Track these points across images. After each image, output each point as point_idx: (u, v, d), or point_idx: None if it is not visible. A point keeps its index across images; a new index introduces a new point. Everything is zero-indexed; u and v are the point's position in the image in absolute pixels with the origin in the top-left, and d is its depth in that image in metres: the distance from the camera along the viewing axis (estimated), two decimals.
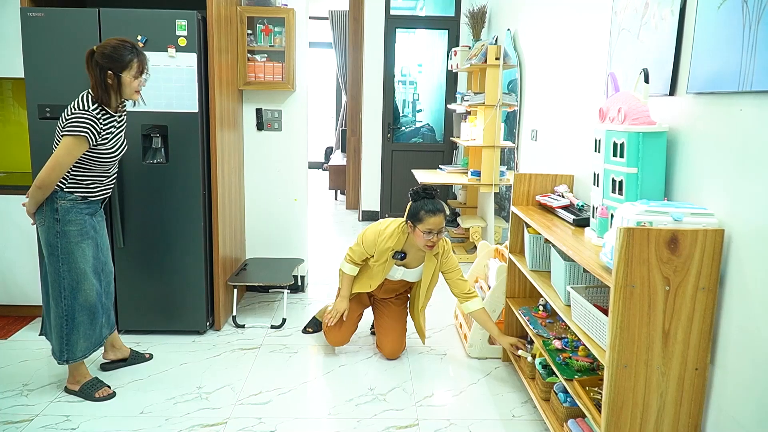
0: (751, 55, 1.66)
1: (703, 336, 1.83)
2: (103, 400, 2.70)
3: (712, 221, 1.81)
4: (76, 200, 2.56)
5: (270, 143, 4.06)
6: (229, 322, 3.63)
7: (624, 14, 2.50)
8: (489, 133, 4.70)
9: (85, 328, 2.67)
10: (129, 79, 2.50)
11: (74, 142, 2.44)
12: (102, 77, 2.47)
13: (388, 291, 3.25)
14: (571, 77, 3.20)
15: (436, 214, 2.84)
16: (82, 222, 2.60)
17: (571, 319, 2.18)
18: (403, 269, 3.10)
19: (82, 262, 2.61)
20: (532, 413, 2.69)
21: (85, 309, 2.65)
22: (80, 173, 2.57)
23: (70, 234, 2.57)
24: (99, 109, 2.51)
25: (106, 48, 2.47)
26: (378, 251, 3.02)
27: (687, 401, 1.87)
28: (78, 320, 2.64)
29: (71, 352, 2.66)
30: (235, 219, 3.81)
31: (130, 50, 2.49)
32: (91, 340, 2.71)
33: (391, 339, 3.19)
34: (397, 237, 3.00)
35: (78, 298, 2.63)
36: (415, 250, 3.03)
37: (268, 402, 2.75)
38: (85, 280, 2.63)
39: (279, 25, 3.84)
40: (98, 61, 2.46)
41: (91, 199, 2.62)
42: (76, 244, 2.58)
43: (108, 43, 2.49)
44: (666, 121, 2.13)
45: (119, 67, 2.47)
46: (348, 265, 3.15)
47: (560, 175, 2.94)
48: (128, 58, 2.48)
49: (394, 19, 6.36)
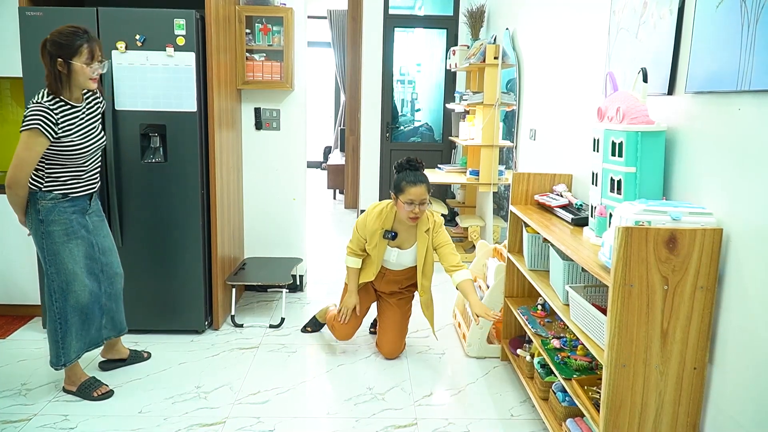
0: (750, 54, 1.66)
1: (702, 335, 1.83)
2: (101, 399, 2.70)
3: (710, 220, 1.81)
4: (56, 199, 2.49)
5: (268, 142, 4.06)
6: (227, 322, 3.62)
7: (622, 13, 2.50)
8: (488, 132, 4.70)
9: (77, 329, 2.64)
10: (80, 66, 2.39)
11: (29, 135, 2.36)
12: (53, 65, 2.37)
13: (390, 283, 3.20)
14: (569, 76, 3.20)
15: (417, 185, 2.82)
16: (67, 221, 2.53)
17: (570, 318, 2.18)
18: (397, 251, 3.06)
19: (70, 262, 2.55)
20: (530, 412, 2.69)
21: (77, 310, 2.61)
22: (54, 170, 2.49)
23: (54, 234, 2.51)
24: (54, 100, 2.42)
25: (58, 36, 2.37)
26: (369, 232, 3.01)
27: (685, 401, 1.87)
28: (70, 322, 2.61)
29: (66, 355, 2.64)
30: (233, 218, 3.81)
31: (80, 36, 2.38)
32: (84, 340, 2.68)
33: (390, 339, 3.19)
34: (386, 215, 2.99)
35: (69, 300, 2.58)
36: (405, 229, 3.01)
37: (267, 401, 2.75)
38: (74, 280, 2.57)
39: (277, 24, 3.84)
40: (48, 49, 2.37)
41: (73, 195, 2.54)
42: (62, 244, 2.52)
43: (59, 30, 2.39)
44: (664, 120, 2.13)
45: (68, 53, 2.36)
46: (350, 258, 3.14)
47: (559, 175, 2.94)
48: (77, 44, 2.37)
49: (393, 19, 6.36)
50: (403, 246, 3.06)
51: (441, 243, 3.02)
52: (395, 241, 3.04)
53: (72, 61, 2.38)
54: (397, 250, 3.07)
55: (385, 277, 3.19)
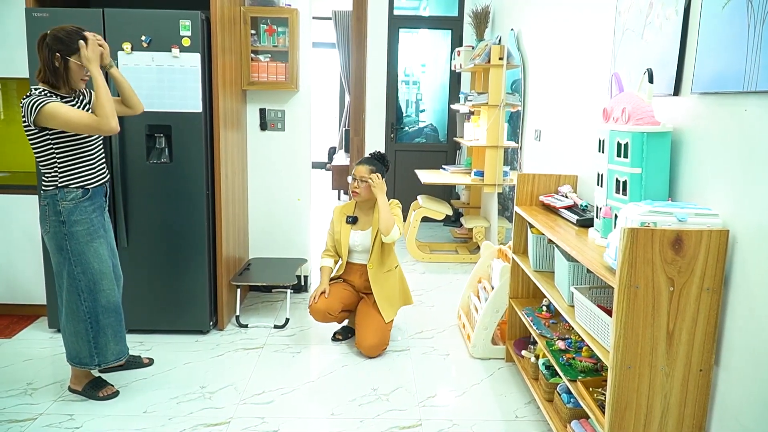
0: (756, 55, 1.65)
1: (708, 337, 1.82)
2: (106, 399, 2.71)
3: (716, 222, 1.81)
4: (77, 198, 2.52)
5: (273, 143, 4.07)
6: (232, 322, 3.63)
7: (628, 14, 2.49)
8: (492, 133, 4.70)
9: (114, 330, 2.64)
10: (76, 65, 2.44)
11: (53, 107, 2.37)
12: (50, 58, 2.41)
13: (363, 277, 3.38)
14: (574, 77, 3.20)
15: (360, 165, 3.34)
16: (89, 221, 2.55)
17: (575, 319, 2.17)
18: (360, 233, 3.36)
19: (96, 262, 2.56)
20: (535, 414, 2.69)
21: (110, 310, 2.62)
22: (66, 161, 2.50)
23: (78, 234, 2.52)
24: (45, 91, 2.45)
25: (60, 32, 2.43)
26: (336, 222, 3.43)
27: (691, 403, 1.86)
28: (103, 322, 2.61)
29: (102, 355, 2.63)
30: (238, 219, 3.82)
31: (82, 37, 2.44)
32: (123, 343, 2.70)
33: (365, 335, 3.20)
34: (347, 206, 3.46)
35: (100, 300, 2.59)
36: (364, 213, 3.40)
37: (271, 402, 2.75)
38: (103, 279, 2.58)
39: (282, 25, 3.84)
40: (48, 43, 2.42)
41: (89, 187, 2.55)
42: (86, 244, 2.54)
43: (63, 28, 2.45)
44: (670, 121, 2.12)
45: (68, 50, 2.41)
46: (323, 260, 3.45)
47: (564, 176, 2.94)
48: (78, 43, 2.42)
49: (398, 19, 6.36)
50: (364, 228, 3.38)
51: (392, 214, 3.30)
52: (357, 225, 3.38)
53: (70, 59, 2.43)
54: (360, 232, 3.37)
55: (357, 271, 3.39)
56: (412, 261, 5.11)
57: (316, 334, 3.53)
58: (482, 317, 3.18)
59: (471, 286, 3.63)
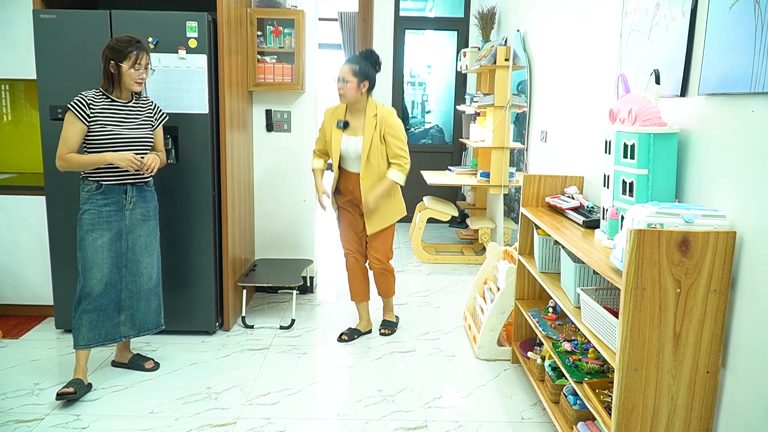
0: (763, 56, 1.64)
1: (715, 339, 1.82)
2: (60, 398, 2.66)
3: (723, 223, 1.80)
4: (91, 191, 2.73)
5: (279, 144, 4.07)
6: (238, 323, 3.64)
7: (635, 15, 2.49)
8: (498, 134, 4.69)
9: (90, 318, 2.76)
10: (126, 69, 2.69)
11: (67, 115, 2.67)
12: (106, 66, 2.70)
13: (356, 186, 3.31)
14: (581, 78, 3.19)
15: (344, 64, 3.18)
16: (96, 212, 2.73)
17: (581, 321, 2.17)
18: (353, 139, 3.26)
19: (90, 250, 2.74)
20: (541, 416, 2.68)
21: (89, 297, 2.75)
22: None
23: (83, 221, 2.74)
24: (98, 93, 2.73)
25: (114, 42, 2.70)
26: (326, 125, 3.34)
27: (698, 405, 1.86)
28: (82, 307, 2.75)
29: (75, 339, 2.77)
30: (244, 220, 3.83)
31: (133, 44, 2.70)
32: (98, 332, 2.79)
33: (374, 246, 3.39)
34: (337, 110, 3.33)
35: (84, 286, 2.75)
36: (355, 118, 3.28)
37: (277, 402, 2.76)
38: (92, 267, 2.74)
39: (289, 26, 3.85)
40: (105, 52, 2.70)
41: (103, 182, 2.73)
42: (86, 232, 2.73)
43: (118, 37, 2.73)
44: (677, 122, 2.12)
45: (119, 57, 2.67)
46: (314, 161, 3.47)
47: (570, 177, 2.93)
48: (128, 51, 2.68)
49: (404, 21, 6.37)
50: (356, 134, 3.27)
51: (389, 133, 3.23)
52: (348, 130, 3.28)
53: (122, 64, 2.68)
54: (352, 137, 3.27)
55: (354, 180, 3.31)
56: (417, 262, 5.11)
57: (322, 334, 3.54)
58: (488, 318, 3.18)
59: (477, 288, 3.63)
